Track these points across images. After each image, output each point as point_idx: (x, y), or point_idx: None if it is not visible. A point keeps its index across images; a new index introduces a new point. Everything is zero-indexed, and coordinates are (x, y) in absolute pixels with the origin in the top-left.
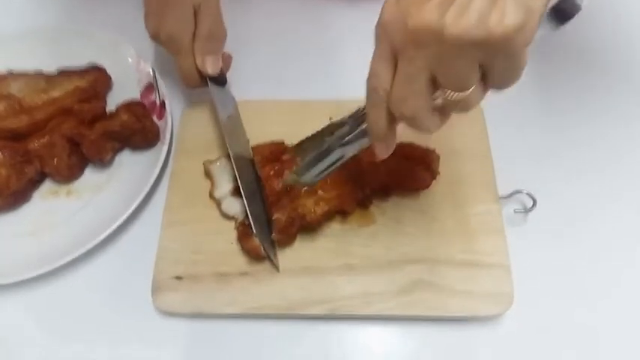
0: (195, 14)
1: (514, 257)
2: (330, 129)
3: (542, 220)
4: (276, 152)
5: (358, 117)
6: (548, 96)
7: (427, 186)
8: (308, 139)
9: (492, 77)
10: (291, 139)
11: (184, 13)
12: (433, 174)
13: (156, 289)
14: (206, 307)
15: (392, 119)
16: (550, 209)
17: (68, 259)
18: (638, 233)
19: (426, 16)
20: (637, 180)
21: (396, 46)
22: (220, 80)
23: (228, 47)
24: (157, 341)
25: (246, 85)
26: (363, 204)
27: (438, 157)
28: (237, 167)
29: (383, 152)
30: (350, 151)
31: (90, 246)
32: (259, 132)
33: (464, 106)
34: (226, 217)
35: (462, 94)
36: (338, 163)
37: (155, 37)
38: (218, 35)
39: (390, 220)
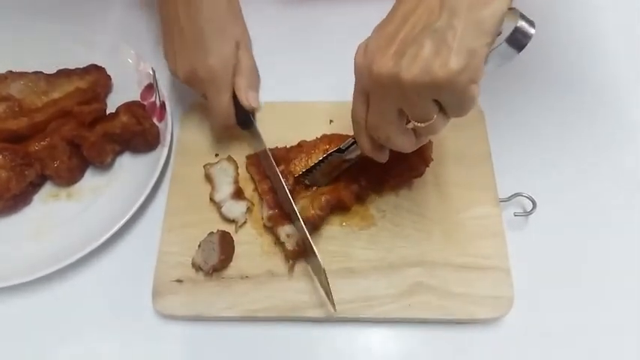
0: (237, 49)
1: (514, 260)
2: (329, 154)
3: (543, 223)
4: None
5: (351, 140)
6: (548, 99)
7: (421, 174)
8: (314, 165)
9: (448, 110)
10: (292, 141)
11: (229, 47)
12: (426, 161)
13: (156, 292)
14: (206, 311)
15: (374, 140)
16: (550, 212)
17: (69, 261)
18: (638, 235)
19: (385, 64)
20: (637, 182)
21: (366, 87)
22: (249, 120)
23: None
24: (158, 344)
25: None
26: (360, 197)
27: (430, 143)
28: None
29: (380, 160)
30: (350, 159)
31: (90, 249)
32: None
33: (430, 132)
34: (226, 220)
35: (427, 123)
36: (342, 168)
37: (190, 76)
38: (257, 70)
39: (389, 222)
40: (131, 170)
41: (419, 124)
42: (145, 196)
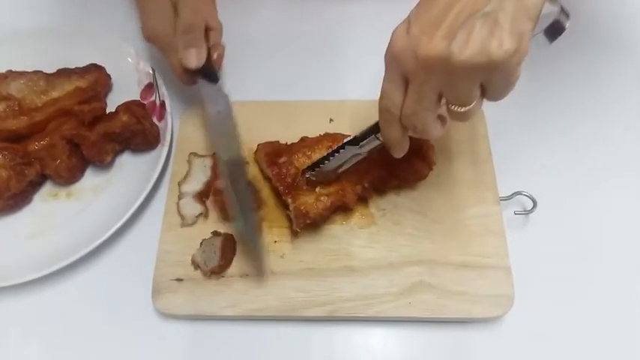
0: (175, 8)
1: (514, 259)
2: (341, 146)
3: (543, 221)
4: (271, 154)
5: (367, 131)
6: (549, 98)
7: (424, 177)
8: (322, 158)
9: (491, 92)
10: (292, 140)
11: (163, 7)
12: (429, 164)
13: (156, 291)
14: (206, 310)
15: (404, 130)
16: (551, 211)
17: (69, 261)
18: (639, 234)
19: (434, 46)
20: (638, 182)
21: (407, 71)
22: (211, 75)
23: (229, 49)
24: (158, 343)
25: (246, 87)
26: (363, 198)
27: (432, 147)
28: (228, 169)
29: (399, 154)
30: (363, 153)
31: (90, 248)
32: (259, 133)
33: (466, 117)
34: (178, 212)
35: (467, 107)
36: (351, 162)
37: (146, 37)
38: (198, 26)
39: (390, 221)
40: (131, 169)
41: (457, 109)
42: (145, 195)
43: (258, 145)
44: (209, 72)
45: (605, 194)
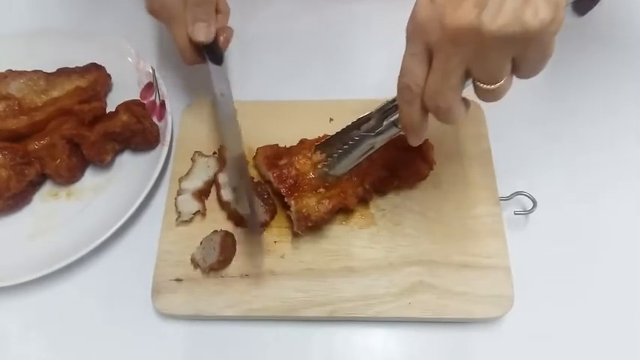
0: None
1: (514, 259)
2: (357, 124)
3: (543, 221)
4: (271, 157)
5: (384, 111)
6: (549, 97)
7: (425, 176)
8: (335, 135)
9: (524, 67)
10: (292, 139)
11: None
12: (430, 164)
13: (156, 291)
14: (206, 310)
15: (424, 112)
16: (551, 211)
17: (69, 261)
18: (639, 235)
19: (463, 16)
20: (638, 181)
21: (432, 44)
22: (216, 56)
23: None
24: (157, 343)
25: (244, 86)
26: (364, 199)
27: (432, 147)
28: (230, 160)
29: (415, 141)
30: (380, 142)
31: (90, 248)
32: (259, 133)
33: (496, 95)
34: (175, 208)
35: (496, 84)
36: (368, 153)
37: (151, 9)
38: (209, 0)
39: (390, 222)
40: (131, 169)
41: (486, 86)
42: (145, 195)
43: (258, 148)
44: (214, 52)
45: (605, 194)
